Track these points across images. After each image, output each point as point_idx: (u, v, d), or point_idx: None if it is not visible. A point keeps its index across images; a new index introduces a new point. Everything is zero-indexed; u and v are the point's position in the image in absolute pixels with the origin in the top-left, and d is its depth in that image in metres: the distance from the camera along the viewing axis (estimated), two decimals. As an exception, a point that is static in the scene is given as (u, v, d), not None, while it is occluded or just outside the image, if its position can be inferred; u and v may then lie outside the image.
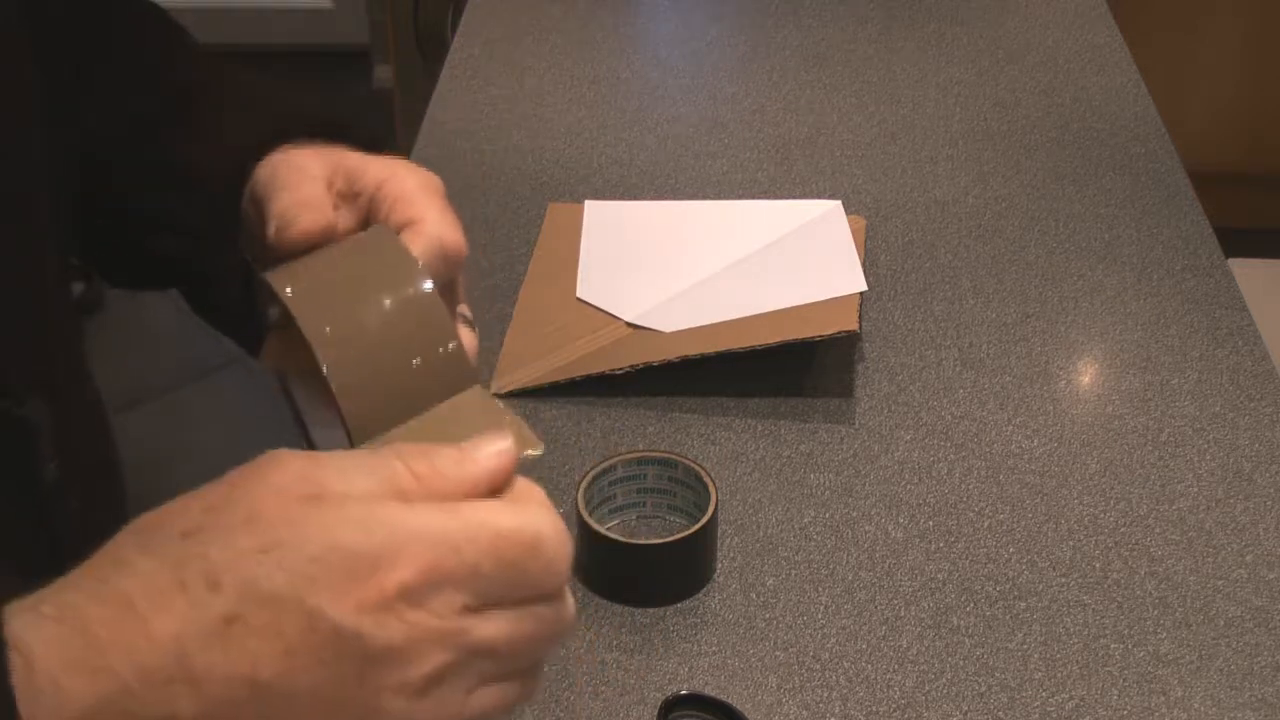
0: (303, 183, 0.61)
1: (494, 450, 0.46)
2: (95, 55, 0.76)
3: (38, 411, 0.63)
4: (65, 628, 0.42)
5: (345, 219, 0.62)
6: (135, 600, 0.42)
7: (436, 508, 0.44)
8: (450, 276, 0.61)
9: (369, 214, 0.62)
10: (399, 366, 0.51)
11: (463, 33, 1.52)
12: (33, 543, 0.65)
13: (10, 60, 0.65)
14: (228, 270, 0.69)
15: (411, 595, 0.42)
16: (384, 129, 2.65)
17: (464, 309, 0.64)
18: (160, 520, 0.44)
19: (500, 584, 0.44)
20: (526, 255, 1.16)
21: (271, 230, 0.58)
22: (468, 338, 0.62)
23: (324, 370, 0.49)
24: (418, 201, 0.60)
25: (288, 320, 0.52)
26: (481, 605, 0.44)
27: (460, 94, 1.40)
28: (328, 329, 0.50)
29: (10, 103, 0.65)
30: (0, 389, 0.61)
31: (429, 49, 2.46)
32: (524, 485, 0.46)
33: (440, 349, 0.52)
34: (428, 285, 0.53)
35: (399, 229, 0.59)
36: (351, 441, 0.49)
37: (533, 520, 0.45)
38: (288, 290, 0.52)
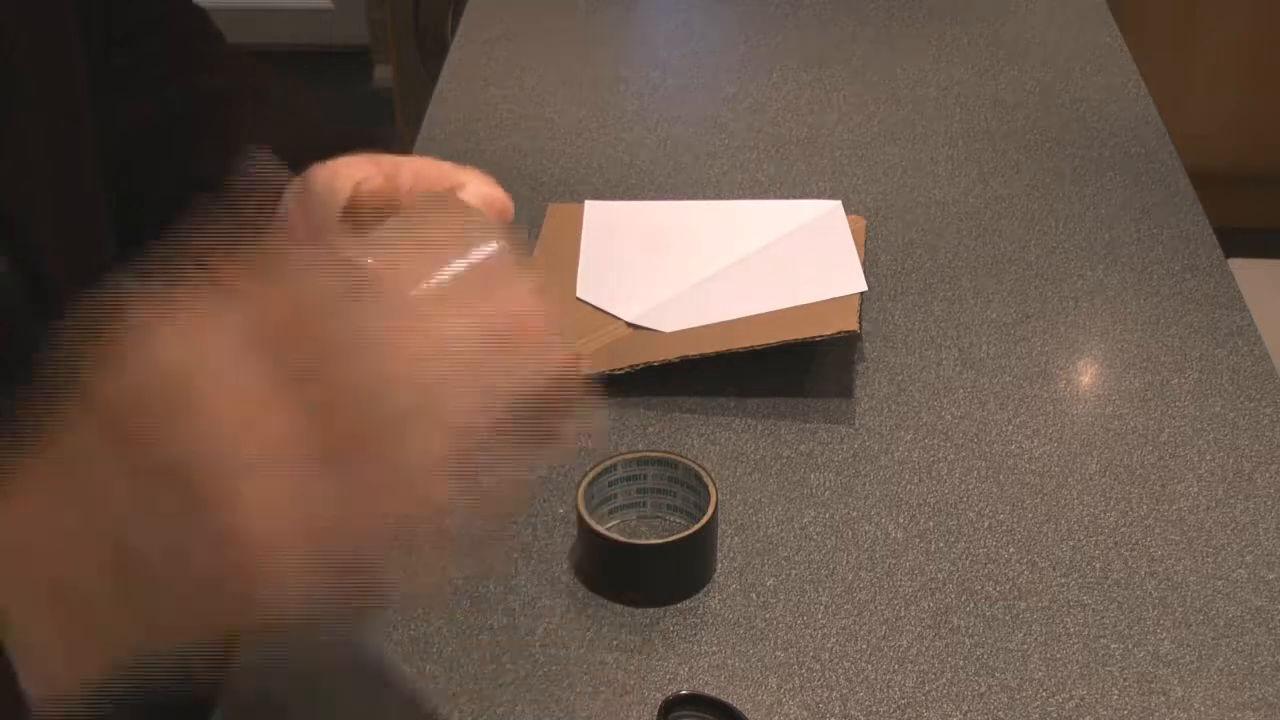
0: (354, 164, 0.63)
1: None
2: (126, 50, 0.76)
3: None
4: None
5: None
6: None
7: None
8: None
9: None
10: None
11: (463, 33, 1.52)
12: None
13: (65, 53, 0.65)
14: None
15: None
16: (384, 129, 2.65)
17: None
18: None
19: None
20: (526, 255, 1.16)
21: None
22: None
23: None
24: (456, 173, 0.62)
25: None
26: None
27: (460, 94, 1.40)
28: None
29: (66, 96, 0.65)
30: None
31: (429, 49, 2.46)
32: None
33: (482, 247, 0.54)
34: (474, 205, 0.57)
35: None
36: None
37: None
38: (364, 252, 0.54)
